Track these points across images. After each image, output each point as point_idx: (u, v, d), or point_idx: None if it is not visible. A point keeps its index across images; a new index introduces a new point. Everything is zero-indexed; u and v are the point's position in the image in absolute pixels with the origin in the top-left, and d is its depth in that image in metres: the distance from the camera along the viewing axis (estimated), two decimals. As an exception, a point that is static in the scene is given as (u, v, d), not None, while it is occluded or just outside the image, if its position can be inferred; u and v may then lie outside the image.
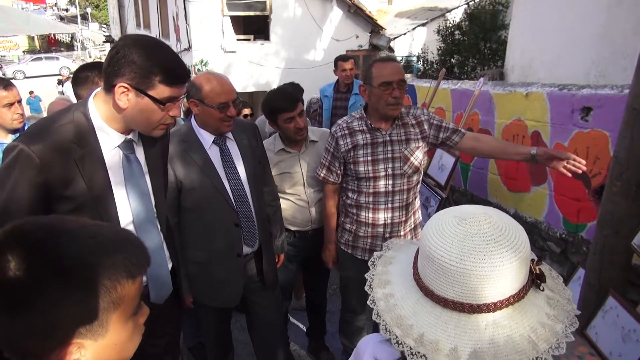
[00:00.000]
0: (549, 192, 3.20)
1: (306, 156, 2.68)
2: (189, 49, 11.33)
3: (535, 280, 0.86)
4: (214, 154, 2.17)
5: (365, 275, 1.01)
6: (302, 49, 11.48)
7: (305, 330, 3.32)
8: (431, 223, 0.89)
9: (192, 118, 2.20)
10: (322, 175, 2.51)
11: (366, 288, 0.97)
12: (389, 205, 2.41)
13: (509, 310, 0.83)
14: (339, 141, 2.40)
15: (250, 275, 2.35)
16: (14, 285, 0.69)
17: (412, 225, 2.53)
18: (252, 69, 11.50)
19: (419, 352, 0.83)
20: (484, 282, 0.80)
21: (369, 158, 2.36)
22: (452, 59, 7.85)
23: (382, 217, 2.42)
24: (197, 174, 2.13)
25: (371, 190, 2.40)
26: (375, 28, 12.06)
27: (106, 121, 1.51)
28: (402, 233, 2.47)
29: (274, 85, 7.20)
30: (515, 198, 3.56)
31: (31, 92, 17.32)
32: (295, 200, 2.69)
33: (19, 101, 2.59)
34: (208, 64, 10.33)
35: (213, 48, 11.07)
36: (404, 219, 2.45)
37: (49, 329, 0.71)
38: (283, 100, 2.56)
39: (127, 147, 1.58)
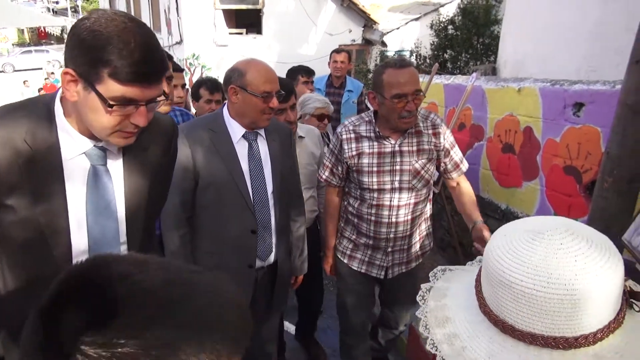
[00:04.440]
0: (540, 187, 3.20)
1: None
2: (180, 42, 11.25)
3: (629, 300, 0.71)
4: (241, 149, 1.98)
5: (417, 314, 0.85)
6: (295, 43, 11.42)
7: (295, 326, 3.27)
8: (497, 242, 0.73)
9: (225, 107, 2.03)
10: (324, 176, 2.32)
11: (421, 329, 0.82)
12: (393, 220, 2.19)
13: (610, 339, 0.67)
14: (343, 145, 2.19)
15: (260, 292, 2.12)
16: None
17: (419, 237, 2.33)
18: (245, 63, 11.44)
19: None
20: (579, 309, 0.65)
21: (375, 169, 2.15)
22: (445, 54, 7.84)
23: (384, 230, 2.22)
24: (220, 166, 1.93)
25: (375, 202, 2.19)
26: (368, 22, 12.03)
27: (69, 119, 1.20)
28: (405, 247, 2.29)
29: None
30: (507, 193, 3.56)
31: (25, 82, 17.31)
32: None
33: None
34: (200, 58, 10.25)
35: (205, 42, 10.99)
36: (408, 233, 2.25)
37: None
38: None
39: (98, 156, 1.25)
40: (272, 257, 2.10)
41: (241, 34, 11.62)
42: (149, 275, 0.55)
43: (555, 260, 0.66)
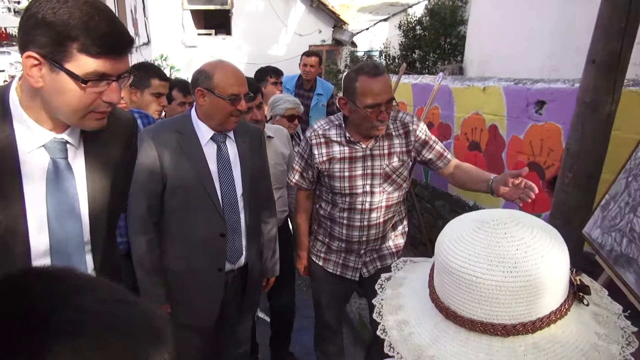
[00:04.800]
0: (506, 184, 3.28)
1: None
2: (148, 43, 11.07)
3: (577, 293, 0.72)
4: (209, 151, 1.96)
5: (373, 301, 0.86)
6: (265, 43, 11.37)
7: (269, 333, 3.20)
8: (447, 231, 0.75)
9: (193, 109, 2.00)
10: (294, 180, 2.29)
11: (374, 316, 0.83)
12: (365, 223, 2.19)
13: (551, 330, 0.68)
14: (313, 150, 2.16)
15: (230, 295, 2.11)
16: None
17: (393, 236, 2.34)
18: (214, 64, 11.34)
19: None
20: (518, 297, 0.66)
21: (346, 174, 2.14)
22: (413, 54, 7.93)
23: (357, 234, 2.21)
24: (187, 169, 1.91)
25: (346, 207, 2.18)
26: (338, 23, 12.07)
27: (26, 110, 1.12)
28: (378, 247, 2.29)
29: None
30: (474, 190, 3.63)
31: None
32: None
33: None
34: (168, 59, 10.11)
35: (173, 43, 10.84)
36: (381, 235, 2.25)
37: None
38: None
39: (58, 149, 1.18)
40: (242, 260, 2.09)
41: (210, 34, 11.51)
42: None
43: (497, 248, 0.67)
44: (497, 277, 0.65)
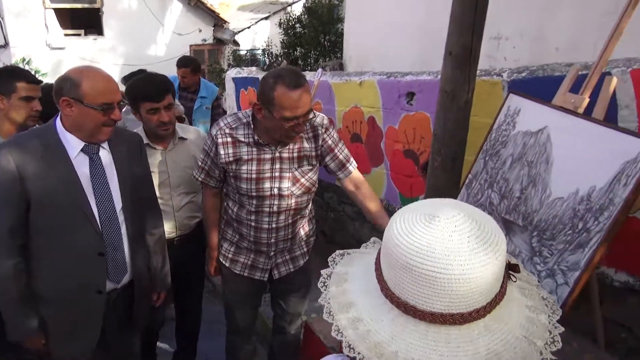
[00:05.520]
0: (386, 171, 3.48)
1: (174, 154, 2.41)
2: (5, 46, 9.99)
3: (507, 271, 0.77)
4: (80, 164, 1.79)
5: (320, 301, 0.84)
6: (142, 43, 10.86)
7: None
8: (396, 226, 0.75)
9: (57, 118, 1.81)
10: (200, 178, 2.19)
11: (325, 316, 0.81)
12: (273, 226, 2.13)
13: (497, 310, 0.73)
14: (219, 149, 2.04)
15: (113, 317, 1.95)
16: None
17: (304, 237, 2.30)
18: (86, 66, 10.59)
19: None
20: (474, 286, 0.70)
21: (254, 176, 2.05)
22: (295, 52, 8.08)
23: (265, 236, 2.15)
24: (55, 185, 1.73)
25: (254, 209, 2.10)
26: (218, 22, 11.88)
27: None
28: (288, 247, 2.24)
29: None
30: (359, 180, 3.80)
31: None
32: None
33: None
34: (32, 62, 9.23)
35: (36, 44, 9.94)
36: (290, 236, 2.21)
37: None
38: (149, 88, 2.26)
39: None
40: (126, 278, 1.95)
41: (79, 35, 10.71)
42: None
43: (451, 242, 0.70)
44: (456, 271, 0.69)
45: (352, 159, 2.26)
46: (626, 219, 1.80)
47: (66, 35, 10.46)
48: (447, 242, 0.70)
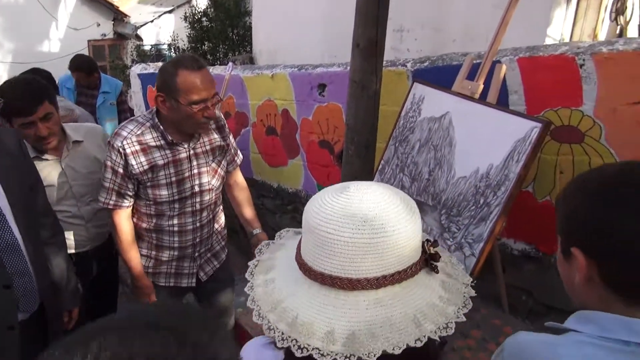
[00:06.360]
0: (302, 162, 3.54)
1: (71, 162, 2.14)
2: None
3: (428, 260, 0.77)
4: None
5: (249, 263, 0.87)
6: (33, 39, 10.05)
7: None
8: (315, 196, 0.79)
9: None
10: (112, 203, 1.96)
11: (247, 275, 0.84)
12: (197, 225, 2.08)
13: (396, 288, 0.73)
14: (129, 160, 1.88)
15: (30, 349, 1.66)
16: None
17: (221, 230, 2.28)
18: (-32, 65, 9.61)
19: (289, 337, 0.71)
20: (365, 252, 0.70)
21: (173, 179, 1.96)
22: (203, 46, 7.87)
23: (190, 237, 2.09)
24: None
25: (176, 213, 2.02)
26: (118, 15, 11.28)
27: None
28: (210, 245, 2.21)
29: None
30: (276, 172, 3.83)
31: None
32: (66, 219, 2.12)
33: None
34: None
35: None
36: (212, 231, 2.20)
37: None
38: (16, 100, 1.90)
39: None
40: (37, 305, 1.73)
41: (-43, 31, 9.68)
42: None
43: (351, 208, 0.72)
44: (346, 234, 0.70)
45: (239, 152, 2.31)
46: (520, 192, 1.99)
47: (-59, 31, 9.44)
48: (349, 208, 0.72)
